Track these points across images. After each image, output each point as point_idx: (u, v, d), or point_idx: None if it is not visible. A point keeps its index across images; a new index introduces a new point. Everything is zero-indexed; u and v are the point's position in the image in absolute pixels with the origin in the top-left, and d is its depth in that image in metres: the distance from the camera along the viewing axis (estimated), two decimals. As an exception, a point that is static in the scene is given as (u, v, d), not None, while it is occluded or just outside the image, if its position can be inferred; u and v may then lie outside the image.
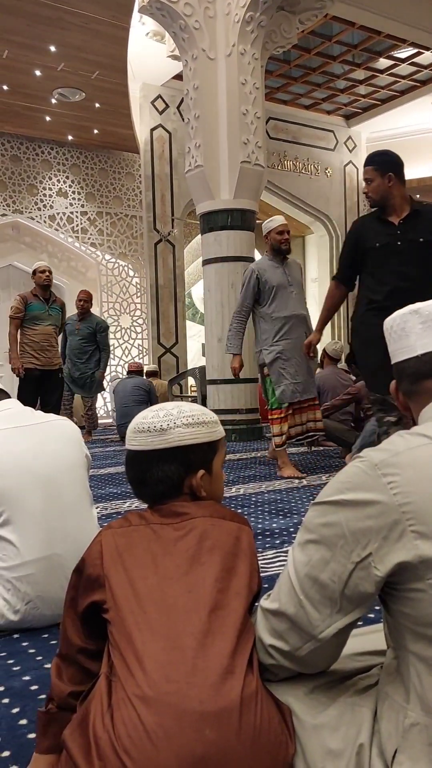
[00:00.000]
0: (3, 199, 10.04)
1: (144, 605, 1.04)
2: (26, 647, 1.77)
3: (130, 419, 4.61)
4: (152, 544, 1.12)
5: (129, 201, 11.07)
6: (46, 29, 7.27)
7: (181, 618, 1.02)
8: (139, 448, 1.24)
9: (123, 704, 0.94)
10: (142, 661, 0.97)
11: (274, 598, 1.04)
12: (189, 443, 1.22)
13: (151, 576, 1.08)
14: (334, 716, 0.99)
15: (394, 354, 1.15)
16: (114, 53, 7.90)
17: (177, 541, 1.13)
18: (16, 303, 6.24)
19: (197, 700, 0.93)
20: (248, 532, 1.19)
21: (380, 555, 0.91)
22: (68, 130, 9.93)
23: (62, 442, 2.04)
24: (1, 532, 1.85)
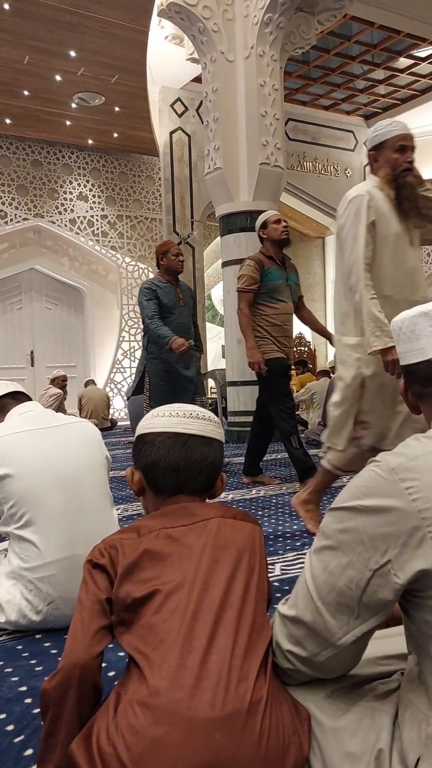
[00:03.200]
0: (24, 204, 10.14)
1: (154, 609, 1.04)
2: (48, 647, 1.79)
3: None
4: (161, 547, 1.12)
5: (149, 204, 11.11)
6: (66, 34, 7.33)
7: (195, 618, 1.02)
8: (196, 432, 1.23)
9: (131, 711, 0.94)
10: (154, 666, 0.97)
11: (292, 604, 1.03)
12: (222, 442, 1.28)
13: (160, 579, 1.07)
14: (354, 720, 0.98)
15: (403, 356, 1.13)
16: (133, 57, 7.95)
17: (186, 542, 1.12)
18: (250, 270, 4.20)
19: (208, 704, 0.92)
20: (260, 532, 1.19)
21: (400, 562, 0.90)
22: (88, 134, 10.00)
23: (83, 444, 2.05)
24: (23, 533, 1.86)
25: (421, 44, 9.39)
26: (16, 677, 1.60)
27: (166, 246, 4.56)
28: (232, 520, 1.18)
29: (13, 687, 1.55)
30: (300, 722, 0.98)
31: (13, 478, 1.87)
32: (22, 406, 2.10)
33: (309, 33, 7.36)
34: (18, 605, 1.84)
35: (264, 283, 4.16)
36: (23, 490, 1.87)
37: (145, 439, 1.26)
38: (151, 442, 1.24)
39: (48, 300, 10.91)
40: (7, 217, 10.02)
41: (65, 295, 11.01)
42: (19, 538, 1.87)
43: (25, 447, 1.94)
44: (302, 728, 0.98)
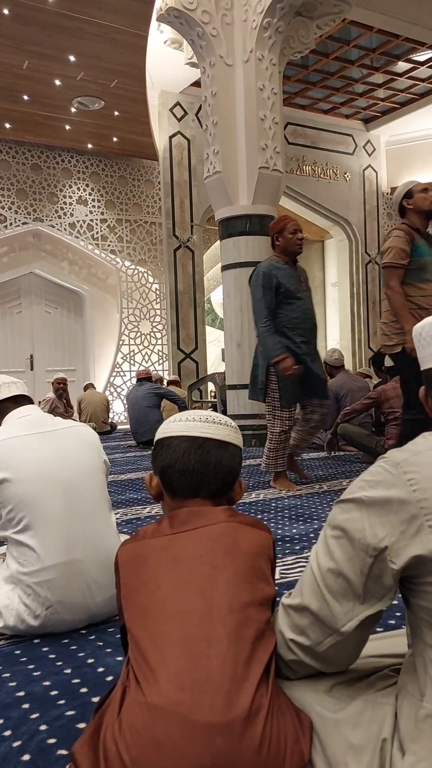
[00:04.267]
0: (24, 208, 10.15)
1: (159, 614, 1.04)
2: (46, 653, 1.78)
3: (145, 424, 4.67)
4: (165, 553, 1.12)
5: (148, 208, 11.13)
6: (66, 39, 7.35)
7: (194, 623, 1.02)
8: (212, 436, 1.24)
9: (133, 712, 0.94)
10: (155, 670, 0.97)
11: (296, 594, 1.05)
12: (242, 450, 1.30)
13: (166, 583, 1.08)
14: (356, 712, 1.00)
15: (423, 360, 1.15)
16: (132, 61, 7.97)
17: (191, 547, 1.12)
18: (400, 242, 3.55)
19: (209, 709, 0.92)
20: (266, 537, 1.19)
21: (396, 549, 0.94)
22: (88, 139, 10.02)
23: (81, 448, 2.05)
24: (21, 538, 1.86)
25: (419, 48, 9.42)
26: (13, 682, 1.60)
27: (282, 223, 4.01)
28: (239, 525, 1.17)
29: (11, 692, 1.55)
30: (302, 731, 0.98)
31: (12, 482, 1.87)
32: (20, 410, 2.10)
33: (308, 37, 7.38)
34: (16, 610, 1.84)
35: (413, 258, 3.54)
36: (21, 495, 1.87)
37: (162, 443, 1.27)
38: (167, 446, 1.25)
39: (47, 304, 10.91)
40: (7, 221, 10.03)
41: (65, 299, 11.01)
42: (17, 542, 1.86)
43: (24, 451, 1.94)
44: (304, 737, 0.98)
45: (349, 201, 12.65)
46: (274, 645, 1.05)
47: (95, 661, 1.70)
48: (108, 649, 1.78)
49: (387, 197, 13.23)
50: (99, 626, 1.94)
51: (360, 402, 5.29)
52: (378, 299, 13.13)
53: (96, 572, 1.88)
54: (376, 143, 12.97)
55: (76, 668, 1.67)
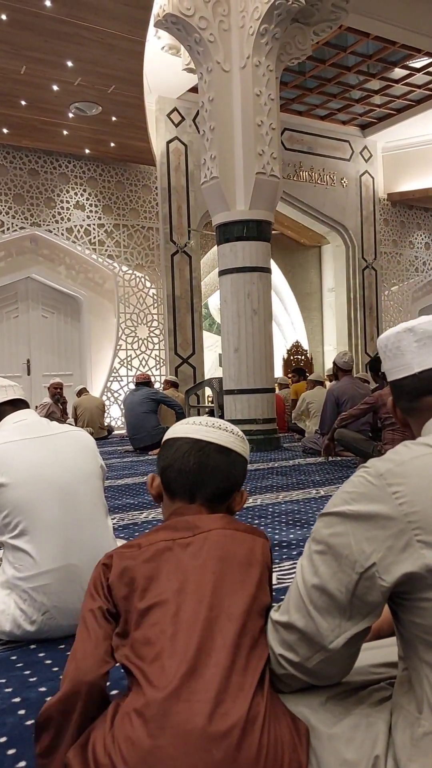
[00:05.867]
0: (21, 212, 10.15)
1: (153, 621, 1.03)
2: (42, 658, 1.77)
3: (141, 430, 4.68)
4: (161, 560, 1.11)
5: (145, 213, 11.14)
6: (63, 45, 7.37)
7: (191, 632, 1.01)
8: (214, 441, 1.26)
9: (127, 722, 0.93)
10: (150, 679, 0.96)
11: (284, 611, 1.03)
12: (246, 461, 1.30)
13: (160, 592, 1.07)
14: (350, 727, 0.98)
15: (390, 372, 1.16)
16: (130, 67, 7.99)
17: (186, 555, 1.11)
18: None
19: (205, 718, 0.91)
20: (263, 544, 1.18)
21: (385, 565, 0.91)
22: (85, 144, 10.04)
23: (78, 453, 2.05)
24: (18, 543, 1.85)
25: (416, 55, 9.46)
26: (9, 688, 1.59)
27: None
28: (234, 532, 1.16)
29: (6, 698, 1.54)
30: (299, 739, 0.97)
31: (8, 487, 1.86)
32: (16, 415, 2.10)
33: (305, 43, 7.41)
34: (12, 615, 1.83)
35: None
36: (18, 500, 1.86)
37: (167, 444, 1.29)
38: (170, 446, 1.27)
39: (45, 308, 10.90)
40: (4, 226, 10.03)
41: (62, 303, 11.01)
42: (13, 547, 1.86)
43: (20, 456, 1.93)
44: (301, 746, 0.97)
45: (346, 207, 12.69)
46: (268, 653, 1.04)
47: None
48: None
49: (384, 203, 13.27)
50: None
51: (357, 407, 5.28)
52: (374, 304, 13.15)
53: (92, 577, 1.87)
54: (373, 149, 13.01)
55: (72, 674, 1.65)
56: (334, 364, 6.35)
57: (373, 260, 13.08)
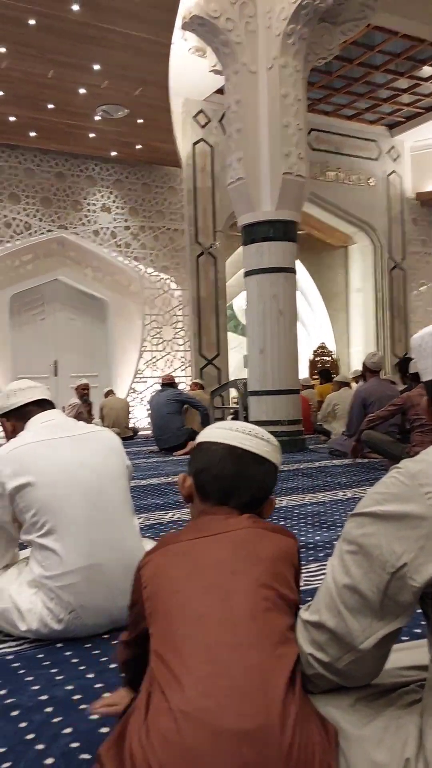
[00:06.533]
0: (49, 215, 10.26)
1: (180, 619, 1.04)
2: (69, 656, 1.78)
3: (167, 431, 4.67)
4: (185, 558, 1.12)
5: (171, 215, 11.17)
6: (91, 48, 7.43)
7: (214, 629, 1.01)
8: (250, 449, 1.25)
9: (160, 718, 0.93)
10: (178, 676, 0.96)
11: (314, 610, 1.03)
12: (278, 469, 1.30)
13: (186, 590, 1.07)
14: (379, 729, 0.97)
15: (424, 371, 1.15)
16: (156, 70, 8.03)
17: (212, 554, 1.12)
18: None
19: (235, 716, 0.91)
20: (290, 543, 1.17)
21: (416, 565, 0.91)
22: (112, 147, 10.10)
23: (105, 453, 2.05)
24: (45, 541, 1.86)
25: (444, 53, 9.36)
26: (36, 686, 1.60)
27: None
28: (261, 531, 1.17)
29: (34, 696, 1.54)
30: (328, 740, 0.96)
31: (35, 486, 1.88)
32: (44, 415, 2.11)
33: (332, 43, 7.37)
34: (39, 614, 1.84)
35: None
36: (45, 499, 1.87)
37: (201, 447, 1.29)
38: (206, 450, 1.27)
39: (71, 311, 11.00)
40: (32, 229, 10.14)
41: (88, 305, 11.09)
42: (40, 546, 1.87)
43: (47, 455, 1.94)
44: (330, 747, 0.96)
45: (374, 206, 12.59)
46: (297, 652, 1.03)
47: (118, 665, 1.69)
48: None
49: (412, 202, 13.14)
50: (121, 631, 1.93)
51: (385, 408, 5.22)
52: (402, 305, 13.02)
53: (118, 577, 1.87)
54: (401, 148, 12.90)
55: (98, 673, 1.66)
56: (364, 364, 6.30)
57: (402, 260, 12.95)
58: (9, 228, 10.02)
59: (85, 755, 1.27)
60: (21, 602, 1.85)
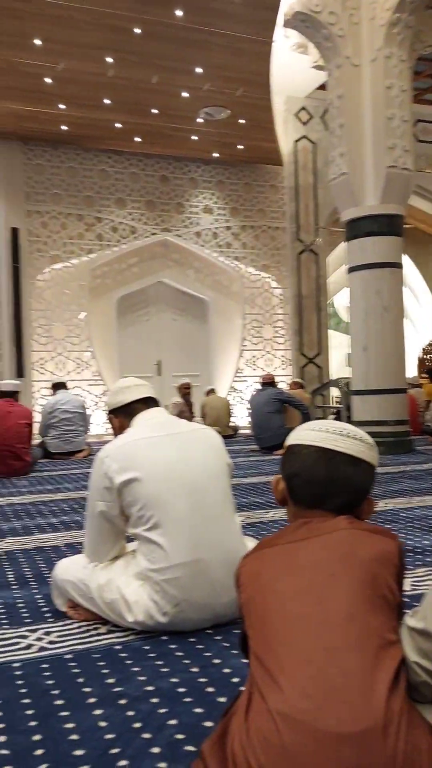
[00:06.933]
0: (153, 218, 10.51)
1: (276, 622, 1.03)
2: (174, 650, 1.81)
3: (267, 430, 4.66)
4: (283, 561, 1.11)
5: (272, 213, 11.15)
6: (193, 52, 7.54)
7: (312, 631, 0.99)
8: (344, 450, 1.22)
9: (260, 719, 0.93)
10: (276, 677, 0.96)
11: (421, 617, 0.99)
12: (375, 468, 1.26)
13: (283, 593, 1.06)
14: None
15: None
16: (258, 69, 8.04)
17: (308, 557, 1.10)
18: None
19: (334, 719, 0.89)
20: (390, 544, 1.13)
21: None
22: (214, 148, 10.21)
23: (207, 450, 2.08)
24: (150, 535, 1.90)
25: None
26: (143, 677, 1.64)
27: None
28: (361, 532, 1.13)
29: (140, 686, 1.58)
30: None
31: (141, 481, 1.92)
32: (148, 412, 2.16)
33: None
34: (145, 606, 1.88)
35: None
36: (150, 494, 1.91)
37: (292, 450, 1.27)
38: (297, 453, 1.25)
39: (174, 311, 11.22)
40: (137, 233, 10.42)
41: (190, 306, 11.27)
42: (146, 539, 1.91)
43: (152, 452, 1.99)
44: None
45: None
46: (401, 655, 1.00)
47: (222, 661, 1.71)
48: (234, 650, 1.78)
49: None
50: (225, 627, 1.95)
51: None
52: None
53: (221, 573, 1.89)
54: None
55: (202, 667, 1.68)
56: None
57: None
58: (115, 232, 10.35)
59: (190, 747, 1.28)
60: (128, 594, 1.90)
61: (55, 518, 3.89)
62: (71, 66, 7.72)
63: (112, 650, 1.82)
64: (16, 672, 1.70)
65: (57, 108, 8.72)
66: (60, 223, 10.12)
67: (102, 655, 1.78)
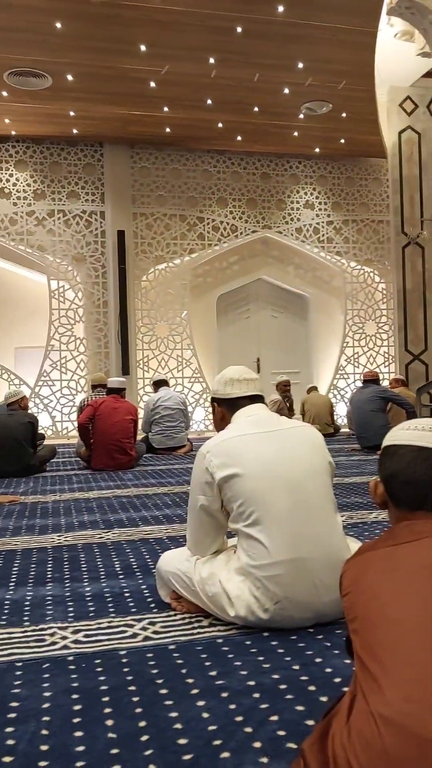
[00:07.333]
0: (253, 216, 10.54)
1: (379, 625, 1.02)
2: (275, 647, 1.82)
3: (369, 429, 4.57)
4: (385, 564, 1.10)
5: (375, 206, 10.91)
6: (295, 47, 7.49)
7: (414, 633, 0.97)
8: None
9: (362, 721, 0.92)
10: (378, 679, 0.95)
11: None
12: None
13: (385, 595, 1.05)
14: None
15: None
16: (361, 60, 7.87)
17: (412, 560, 1.08)
18: None
19: None
20: None
21: None
22: (315, 143, 10.11)
23: (307, 448, 2.06)
24: (251, 531, 1.92)
25: None
26: (244, 671, 1.66)
27: None
28: None
29: (242, 680, 1.60)
30: None
31: (242, 477, 1.94)
32: (249, 408, 2.17)
33: None
34: (247, 601, 1.90)
35: None
36: (251, 490, 1.93)
37: (388, 451, 1.25)
38: (393, 454, 1.23)
39: (273, 308, 11.21)
40: (238, 231, 10.49)
41: (290, 302, 11.22)
42: (246, 535, 1.93)
43: (253, 449, 2.00)
44: None
45: None
46: None
47: (323, 660, 1.70)
48: (335, 650, 1.76)
49: None
50: (327, 626, 1.94)
51: None
52: None
53: (323, 572, 1.88)
54: None
55: (303, 665, 1.68)
56: None
57: None
58: (217, 231, 10.46)
59: (291, 744, 1.28)
60: (230, 588, 1.93)
61: (158, 511, 4.00)
62: (175, 68, 7.87)
63: (214, 643, 1.85)
64: (122, 660, 1.76)
65: (161, 111, 8.92)
66: (164, 224, 10.35)
67: (204, 648, 1.82)
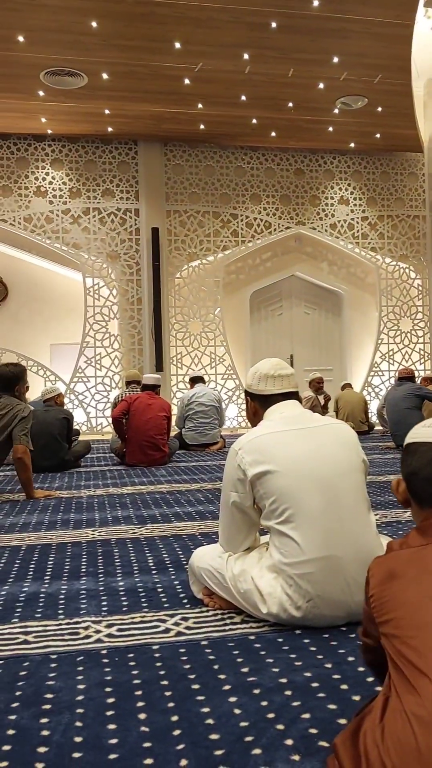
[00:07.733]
0: (287, 213, 10.49)
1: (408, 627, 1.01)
2: (307, 644, 1.81)
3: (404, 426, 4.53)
4: (412, 566, 1.09)
5: (411, 201, 10.77)
6: (330, 41, 7.42)
7: None
8: None
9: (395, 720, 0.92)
10: (412, 681, 0.94)
11: None
12: None
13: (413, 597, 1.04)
14: None
15: None
16: (397, 53, 7.77)
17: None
18: None
19: None
20: None
21: None
22: (350, 138, 10.01)
23: (340, 446, 2.05)
24: (283, 528, 1.91)
25: None
26: (276, 668, 1.66)
27: None
28: None
29: (274, 677, 1.60)
30: None
31: (275, 474, 1.94)
32: (283, 405, 2.15)
33: None
34: (279, 598, 1.90)
35: None
36: (284, 487, 1.93)
37: (410, 449, 1.24)
38: (414, 452, 1.22)
39: (306, 305, 11.15)
40: (271, 227, 10.45)
41: (323, 299, 11.15)
42: (279, 532, 1.93)
43: (286, 446, 2.00)
44: None
45: None
46: None
47: (355, 659, 1.69)
48: (368, 649, 1.75)
49: None
50: (359, 625, 1.93)
51: None
52: None
53: (355, 570, 1.87)
54: None
55: (336, 664, 1.67)
56: None
57: None
58: (250, 228, 10.44)
59: (323, 742, 1.28)
60: (262, 585, 1.93)
61: (191, 507, 4.02)
62: (209, 65, 7.87)
63: (246, 640, 1.86)
64: (155, 654, 1.78)
65: (195, 107, 8.93)
66: (197, 221, 10.36)
67: (236, 644, 1.82)
